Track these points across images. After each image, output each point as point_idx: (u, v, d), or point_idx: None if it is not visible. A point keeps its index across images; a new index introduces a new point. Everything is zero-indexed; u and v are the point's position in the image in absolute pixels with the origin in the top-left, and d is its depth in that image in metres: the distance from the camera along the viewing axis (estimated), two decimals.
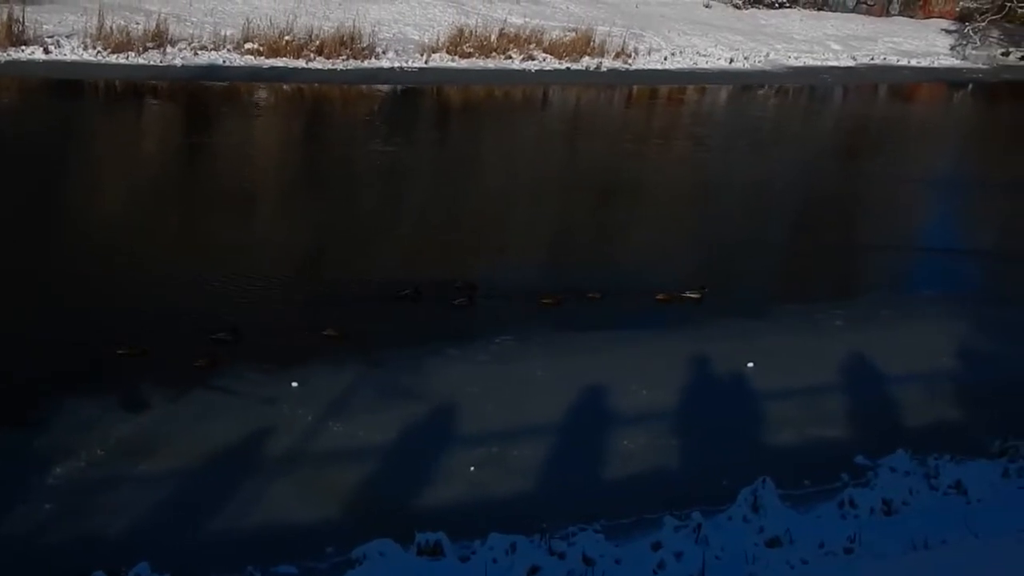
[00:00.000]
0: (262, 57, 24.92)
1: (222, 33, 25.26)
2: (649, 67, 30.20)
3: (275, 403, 7.99)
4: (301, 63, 25.05)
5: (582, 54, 29.36)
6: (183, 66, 23.59)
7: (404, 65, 26.38)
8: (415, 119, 22.18)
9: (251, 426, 7.65)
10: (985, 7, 39.78)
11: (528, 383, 8.73)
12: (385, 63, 26.27)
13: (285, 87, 23.21)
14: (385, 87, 24.40)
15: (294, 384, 8.27)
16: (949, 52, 39.18)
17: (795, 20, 38.91)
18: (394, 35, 28.06)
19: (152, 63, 23.51)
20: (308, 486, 6.95)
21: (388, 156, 17.61)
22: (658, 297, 10.98)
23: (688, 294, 11.07)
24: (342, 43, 25.94)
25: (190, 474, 6.99)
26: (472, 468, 7.29)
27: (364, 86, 24.19)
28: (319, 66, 25.10)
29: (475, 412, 8.14)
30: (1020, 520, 6.59)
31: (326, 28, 26.27)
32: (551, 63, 28.66)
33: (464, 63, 27.49)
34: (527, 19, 30.81)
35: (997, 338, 10.64)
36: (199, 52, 24.49)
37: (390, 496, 6.94)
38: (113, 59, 23.44)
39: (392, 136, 19.16)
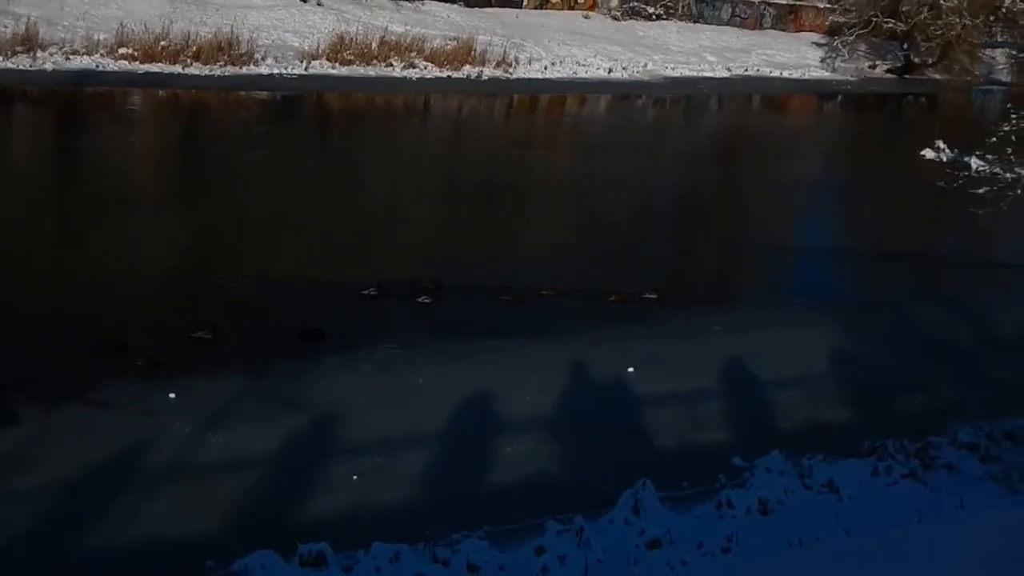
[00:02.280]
0: (136, 62, 24.37)
1: (95, 38, 24.62)
2: (530, 76, 30.47)
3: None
4: (177, 68, 24.58)
5: (463, 63, 29.48)
6: (54, 71, 22.93)
7: (284, 71, 26.11)
8: (301, 125, 21.99)
9: (132, 438, 7.49)
10: (853, 22, 41.11)
11: (413, 391, 8.72)
12: (264, 69, 25.96)
13: (161, 93, 22.74)
14: (264, 93, 24.10)
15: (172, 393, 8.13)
16: (819, 64, 40.41)
17: (672, 32, 39.65)
18: (273, 41, 27.74)
19: (21, 67, 22.80)
20: (187, 499, 6.82)
21: (281, 162, 17.38)
22: (611, 298, 11.39)
23: (646, 295, 11.52)
24: (220, 49, 25.56)
25: (65, 490, 6.79)
26: (355, 477, 7.25)
27: (243, 92, 23.85)
28: (196, 72, 24.67)
29: (360, 421, 8.09)
30: (888, 516, 6.84)
31: (203, 34, 25.84)
32: (432, 71, 28.70)
33: (345, 70, 27.35)
34: (408, 27, 30.78)
35: (865, 342, 11.00)
36: (71, 57, 23.85)
37: (272, 507, 6.86)
38: None
39: (284, 142, 18.93)
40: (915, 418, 9.14)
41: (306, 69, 26.65)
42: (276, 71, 26.01)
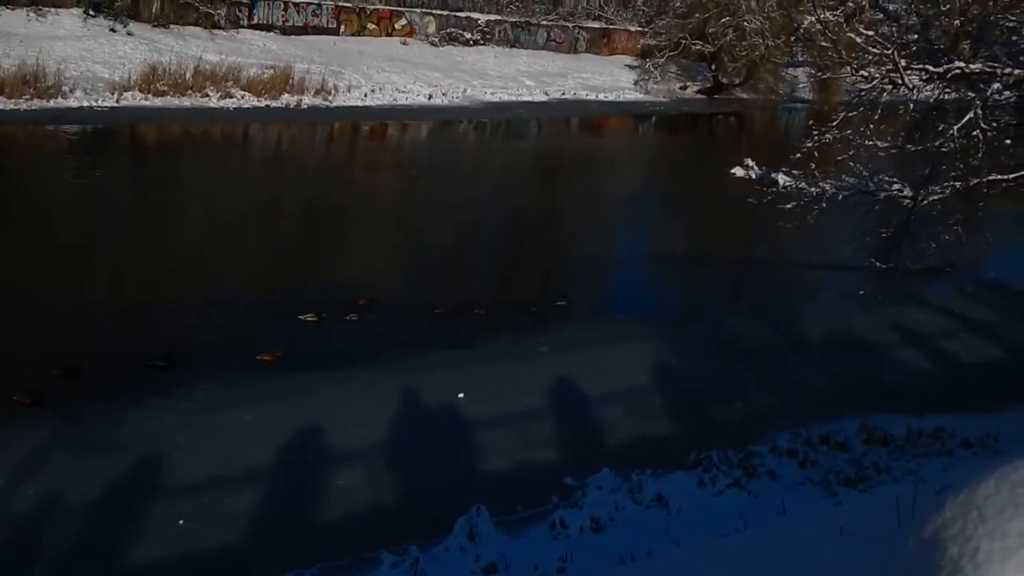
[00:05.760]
0: None
1: None
2: (350, 104, 30.32)
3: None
4: None
5: (281, 91, 29.13)
6: None
7: (94, 104, 25.28)
8: (118, 158, 21.31)
9: None
10: (663, 44, 42.37)
11: (240, 428, 8.54)
12: (73, 102, 25.06)
13: None
14: (74, 127, 23.27)
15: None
16: (633, 86, 41.47)
17: (490, 57, 40.08)
18: (82, 73, 26.83)
19: None
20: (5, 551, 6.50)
21: (106, 195, 16.80)
22: (532, 309, 12.40)
23: (558, 303, 12.68)
24: (25, 82, 24.54)
25: None
26: (182, 521, 7.04)
27: (51, 126, 22.96)
28: (0, 106, 23.64)
29: (182, 462, 7.87)
30: (716, 525, 7.01)
31: (7, 66, 24.78)
32: (250, 100, 28.26)
33: (159, 101, 26.67)
34: (223, 56, 30.24)
35: (686, 354, 11.33)
36: None
37: (94, 557, 6.59)
38: None
39: (102, 175, 18.29)
40: (737, 427, 9.43)
41: (118, 101, 25.87)
42: (86, 103, 25.16)
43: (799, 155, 15.06)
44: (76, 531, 6.87)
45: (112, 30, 30.02)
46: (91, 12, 30.20)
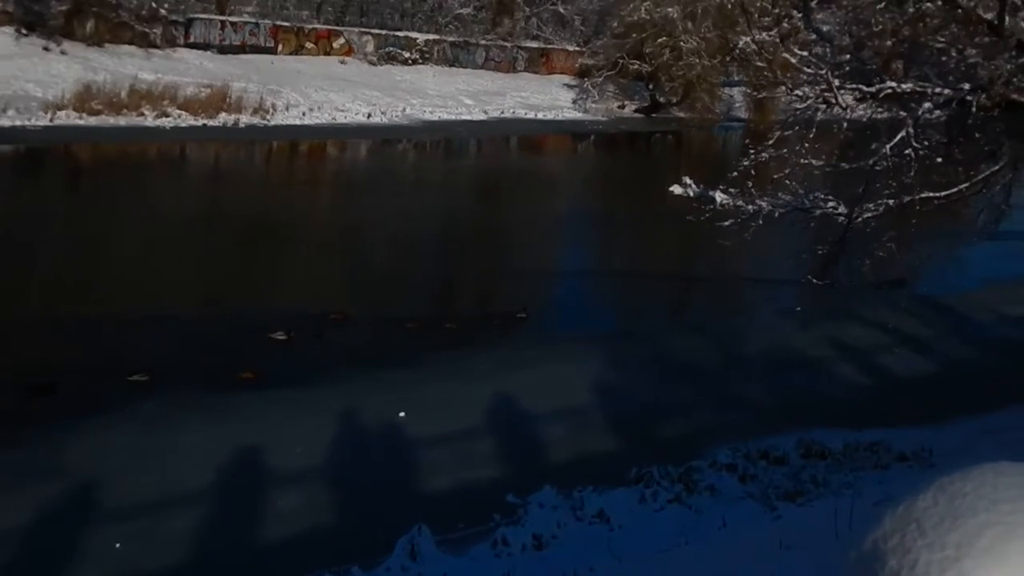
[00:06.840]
0: None
1: None
2: (288, 123, 30.21)
3: None
4: None
5: (219, 110, 28.96)
6: None
7: (27, 123, 24.93)
8: (51, 179, 20.99)
9: None
10: (601, 64, 42.74)
11: (187, 449, 8.41)
12: (5, 122, 24.70)
13: None
14: (7, 147, 22.91)
15: None
16: (572, 105, 41.76)
17: (428, 76, 40.14)
18: (14, 92, 26.46)
19: None
20: None
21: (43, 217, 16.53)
22: (495, 323, 12.58)
23: (518, 315, 12.96)
24: None
25: None
26: (119, 545, 6.92)
27: None
28: None
29: (124, 484, 7.74)
30: (657, 541, 7.04)
31: None
32: (187, 120, 28.04)
33: (94, 120, 26.38)
34: (159, 75, 29.98)
35: (627, 371, 11.37)
36: None
37: None
38: None
39: (34, 197, 18.01)
40: (678, 443, 9.47)
41: (51, 120, 25.54)
42: (19, 123, 24.81)
43: (736, 173, 15.18)
44: (5, 555, 6.73)
45: (46, 49, 29.65)
46: (24, 31, 29.82)
